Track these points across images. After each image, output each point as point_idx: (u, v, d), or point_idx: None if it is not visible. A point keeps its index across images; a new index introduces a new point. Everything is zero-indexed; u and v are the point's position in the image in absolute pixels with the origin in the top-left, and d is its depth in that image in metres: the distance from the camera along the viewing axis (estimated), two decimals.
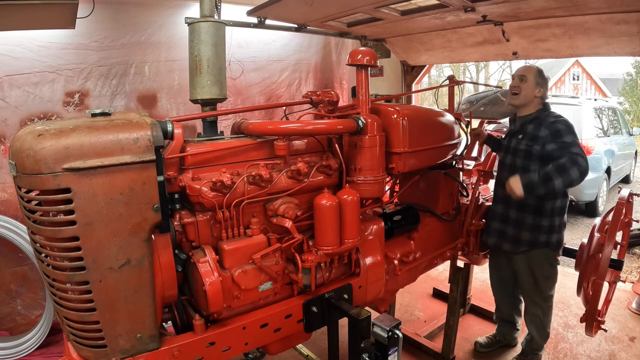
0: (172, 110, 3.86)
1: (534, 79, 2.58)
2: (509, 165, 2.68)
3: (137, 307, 1.53)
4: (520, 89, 2.59)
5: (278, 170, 1.94)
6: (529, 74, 2.58)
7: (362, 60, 2.00)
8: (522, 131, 2.61)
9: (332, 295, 2.03)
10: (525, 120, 2.62)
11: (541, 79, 2.60)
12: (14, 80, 3.08)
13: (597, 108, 7.68)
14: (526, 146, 2.54)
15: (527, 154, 2.55)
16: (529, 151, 2.53)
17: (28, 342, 3.03)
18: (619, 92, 20.68)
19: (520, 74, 2.60)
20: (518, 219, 2.63)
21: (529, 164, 2.54)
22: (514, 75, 2.66)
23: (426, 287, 4.14)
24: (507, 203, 2.67)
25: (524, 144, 2.56)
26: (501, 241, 2.74)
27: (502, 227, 2.73)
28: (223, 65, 1.99)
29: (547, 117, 2.54)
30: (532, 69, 2.60)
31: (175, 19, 3.67)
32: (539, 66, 2.66)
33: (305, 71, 4.83)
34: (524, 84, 2.58)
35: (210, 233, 1.84)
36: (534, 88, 2.58)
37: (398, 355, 1.77)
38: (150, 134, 1.45)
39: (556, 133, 2.43)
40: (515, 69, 2.74)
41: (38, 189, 1.35)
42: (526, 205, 2.59)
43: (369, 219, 2.33)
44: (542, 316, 2.77)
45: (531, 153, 2.53)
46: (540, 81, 2.59)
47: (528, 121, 2.59)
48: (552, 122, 2.48)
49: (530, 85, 2.58)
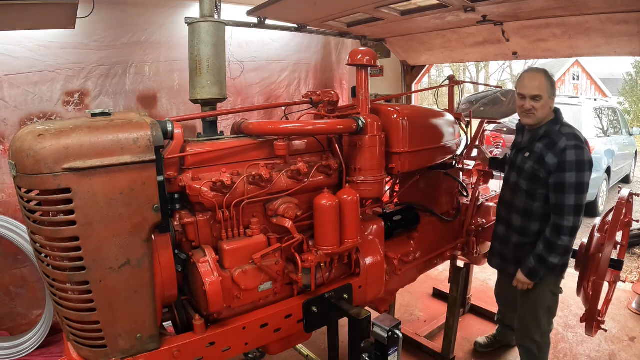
0: (172, 110, 3.86)
1: (547, 92, 2.24)
2: (512, 185, 2.47)
3: (137, 307, 1.53)
4: (536, 108, 2.26)
5: (278, 170, 1.94)
6: (542, 90, 2.23)
7: (362, 60, 2.00)
8: (530, 149, 2.35)
9: (332, 295, 2.03)
10: (534, 135, 2.34)
11: (552, 86, 2.28)
12: (14, 79, 3.07)
13: (597, 108, 7.68)
14: (532, 169, 2.30)
15: (534, 177, 2.30)
16: (536, 175, 2.29)
17: (28, 342, 3.03)
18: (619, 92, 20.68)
19: (534, 95, 2.24)
20: (520, 242, 2.45)
21: (535, 189, 2.31)
22: (524, 95, 2.28)
23: (426, 287, 4.14)
24: (509, 225, 2.51)
25: (530, 165, 2.31)
26: (504, 264, 2.59)
27: (503, 250, 2.57)
28: (223, 65, 1.99)
29: (558, 137, 2.22)
30: (543, 81, 2.24)
31: (175, 19, 3.66)
32: (543, 68, 2.34)
33: (305, 71, 4.83)
34: (538, 102, 2.25)
35: (210, 233, 1.84)
36: (548, 101, 2.27)
37: (398, 355, 1.77)
38: (150, 134, 1.45)
39: (561, 166, 2.17)
40: (518, 72, 2.52)
41: (38, 189, 1.35)
42: (528, 230, 2.41)
43: (369, 219, 2.33)
44: (537, 353, 2.56)
45: (538, 177, 2.28)
46: (553, 90, 2.28)
47: (537, 137, 2.32)
48: (562, 149, 2.18)
49: (545, 102, 2.25)
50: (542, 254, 2.26)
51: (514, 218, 2.46)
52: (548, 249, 2.24)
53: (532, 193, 2.33)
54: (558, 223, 2.20)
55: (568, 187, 2.16)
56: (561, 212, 2.19)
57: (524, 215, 2.41)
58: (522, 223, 2.42)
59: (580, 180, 2.16)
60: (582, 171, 2.16)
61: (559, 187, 2.19)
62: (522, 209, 2.41)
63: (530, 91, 2.26)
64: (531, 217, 2.38)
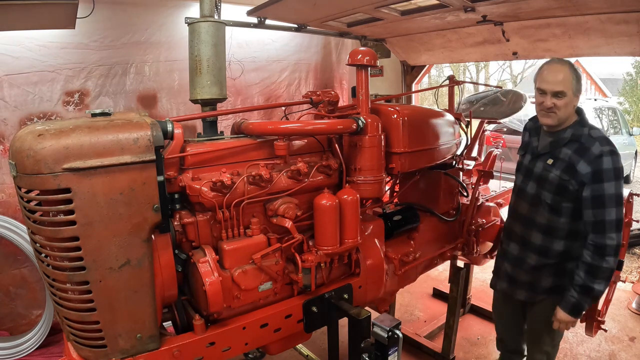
0: (172, 110, 3.86)
1: (572, 88, 1.90)
2: (532, 197, 2.12)
3: (137, 307, 1.53)
4: (558, 107, 1.92)
5: (278, 170, 1.93)
6: (567, 86, 1.89)
7: (362, 60, 2.00)
8: (553, 155, 2.01)
9: (332, 295, 2.03)
10: (558, 140, 2.00)
11: (578, 82, 1.93)
12: (14, 79, 3.07)
13: (597, 108, 7.70)
14: (560, 179, 1.96)
15: (561, 188, 1.97)
16: (564, 186, 1.96)
17: (28, 342, 3.03)
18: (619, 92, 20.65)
19: (557, 91, 1.90)
20: (539, 264, 2.12)
21: (560, 202, 1.98)
22: (545, 90, 1.94)
23: (426, 287, 4.14)
24: (525, 243, 2.16)
25: (556, 174, 1.97)
26: (514, 289, 2.26)
27: (515, 273, 2.23)
28: (223, 65, 1.99)
29: (590, 142, 1.91)
30: (568, 75, 1.89)
31: (175, 19, 3.66)
32: (568, 60, 1.99)
33: (305, 71, 4.83)
34: (561, 100, 1.91)
35: (210, 233, 1.84)
36: (573, 100, 1.93)
37: (398, 355, 1.77)
38: (150, 134, 1.45)
39: (598, 175, 1.86)
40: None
41: (38, 189, 1.35)
42: (550, 250, 2.08)
43: (369, 219, 2.33)
44: None
45: (566, 189, 1.95)
46: (578, 86, 1.93)
47: (562, 142, 1.99)
48: (597, 155, 1.86)
49: (569, 99, 1.91)
50: (585, 283, 1.90)
51: (533, 236, 2.10)
52: (592, 276, 1.89)
53: (557, 207, 2.00)
54: (600, 243, 1.87)
55: (608, 199, 1.86)
56: (602, 230, 1.87)
57: (546, 232, 2.07)
58: (544, 241, 2.07)
59: (620, 191, 1.88)
60: (620, 180, 1.89)
61: (598, 201, 1.87)
62: (545, 225, 2.07)
63: (553, 86, 1.90)
64: (555, 235, 2.05)
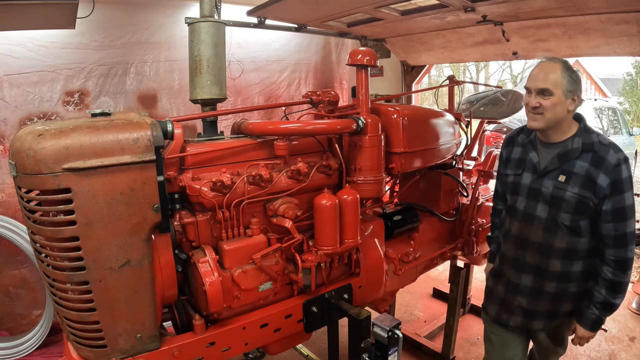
0: (172, 110, 3.86)
1: (562, 87, 1.69)
2: (546, 221, 1.82)
3: (137, 307, 1.53)
4: (544, 107, 1.71)
5: (278, 170, 1.94)
6: (554, 85, 1.69)
7: (362, 60, 2.00)
8: (564, 170, 1.76)
9: (332, 295, 2.03)
10: (567, 152, 1.77)
11: (572, 82, 1.70)
12: (14, 79, 3.07)
13: (597, 108, 7.70)
14: (579, 197, 1.72)
15: (581, 206, 1.74)
16: (584, 204, 1.73)
17: (28, 342, 3.03)
18: (619, 92, 20.65)
19: (541, 88, 1.71)
20: (560, 292, 1.87)
21: (579, 220, 1.76)
22: (530, 87, 1.76)
23: (426, 287, 4.14)
24: (541, 273, 1.87)
25: (574, 192, 1.73)
26: (531, 321, 1.96)
27: (532, 305, 1.93)
28: (223, 65, 1.99)
29: (604, 150, 1.71)
30: (558, 74, 1.69)
31: (175, 19, 3.66)
32: (564, 59, 1.76)
33: (305, 71, 4.83)
34: (547, 99, 1.70)
35: (210, 233, 1.84)
36: (564, 101, 1.71)
37: (398, 355, 1.77)
38: (150, 134, 1.45)
39: (618, 186, 1.68)
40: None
41: (38, 189, 1.35)
42: (571, 273, 1.84)
43: (369, 219, 2.33)
44: None
45: (586, 206, 1.73)
46: (571, 87, 1.70)
47: (574, 154, 1.75)
48: (615, 165, 1.68)
49: (558, 99, 1.70)
50: (607, 299, 1.77)
51: (552, 264, 1.84)
52: (614, 291, 1.76)
53: (576, 227, 1.78)
54: (622, 257, 1.73)
55: (629, 211, 1.71)
56: (624, 243, 1.72)
57: (566, 256, 1.82)
58: (563, 266, 1.83)
59: (633, 201, 1.74)
60: (633, 188, 1.76)
61: (620, 214, 1.71)
62: (564, 249, 1.81)
63: (537, 83, 1.72)
64: (575, 257, 1.82)
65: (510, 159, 2.00)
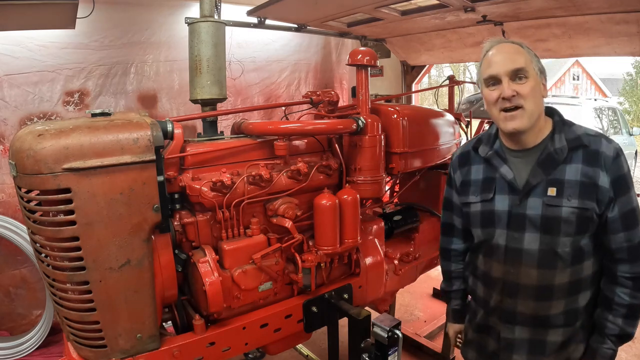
0: (172, 110, 3.86)
1: (534, 66, 1.34)
2: (540, 255, 1.36)
3: (137, 307, 1.53)
4: (523, 95, 1.31)
5: (278, 170, 1.94)
6: (527, 63, 1.32)
7: (362, 60, 2.00)
8: (553, 180, 1.34)
9: (332, 295, 2.03)
10: (547, 156, 1.35)
11: (538, 60, 1.37)
12: (14, 79, 3.07)
13: (597, 108, 7.69)
14: (580, 210, 1.31)
15: (583, 222, 1.32)
16: (587, 218, 1.32)
17: (28, 342, 3.02)
18: (619, 92, 20.67)
19: (515, 68, 1.31)
20: (567, 337, 1.43)
21: (580, 240, 1.34)
22: (497, 73, 1.33)
23: (426, 287, 4.13)
24: (541, 323, 1.42)
25: (573, 206, 1.31)
26: None
27: (536, 357, 1.45)
28: (223, 65, 1.99)
29: (596, 142, 1.34)
30: (519, 48, 1.35)
31: (175, 19, 3.66)
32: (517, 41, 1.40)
33: (305, 71, 4.83)
34: (524, 83, 1.31)
35: (210, 233, 1.84)
36: (540, 85, 1.35)
37: (398, 355, 1.77)
38: (150, 134, 1.45)
39: (622, 183, 1.32)
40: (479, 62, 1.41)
41: (38, 189, 1.35)
42: (577, 310, 1.41)
43: (369, 219, 2.33)
44: None
45: (589, 220, 1.32)
46: (541, 66, 1.37)
47: (559, 157, 1.34)
48: (614, 157, 1.31)
49: (535, 82, 1.33)
50: (624, 330, 1.40)
51: (553, 307, 1.39)
52: (631, 319, 1.39)
53: (578, 251, 1.35)
54: (638, 272, 1.34)
55: (638, 213, 1.35)
56: (637, 254, 1.34)
57: (570, 292, 1.39)
58: (568, 305, 1.40)
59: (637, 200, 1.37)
60: None
61: (630, 218, 1.33)
62: (568, 284, 1.38)
63: (507, 65, 1.32)
64: (581, 289, 1.39)
65: (471, 182, 1.53)
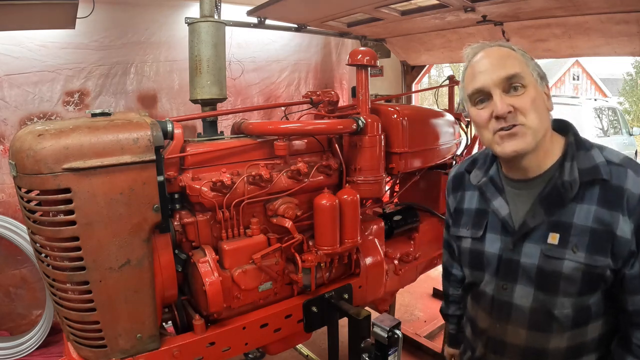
0: (172, 110, 3.86)
1: (532, 71, 1.10)
2: (531, 313, 1.14)
3: (137, 307, 1.53)
4: (522, 109, 1.05)
5: (278, 170, 1.94)
6: (522, 68, 1.08)
7: (362, 60, 2.00)
8: (556, 224, 1.08)
9: (332, 295, 2.03)
10: (553, 191, 1.09)
11: (536, 64, 1.13)
12: (14, 79, 3.07)
13: (597, 108, 7.70)
14: (586, 267, 1.05)
15: (592, 281, 1.07)
16: (597, 275, 1.06)
17: (28, 342, 3.02)
18: (619, 92, 20.67)
19: (507, 75, 1.06)
20: None
21: (587, 300, 1.10)
22: (485, 85, 1.08)
23: (426, 287, 4.13)
24: None
25: (579, 261, 1.05)
26: None
27: None
28: (223, 65, 1.99)
29: (619, 174, 1.04)
30: (510, 52, 1.13)
31: (175, 19, 3.66)
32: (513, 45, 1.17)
33: (305, 71, 4.83)
34: (521, 94, 1.06)
35: (210, 233, 1.84)
36: (542, 94, 1.09)
37: (398, 355, 1.76)
38: (150, 134, 1.45)
39: None
40: None
41: (38, 189, 1.35)
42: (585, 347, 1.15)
43: (369, 219, 2.32)
44: None
45: (600, 278, 1.06)
46: (540, 70, 1.12)
47: (567, 193, 1.06)
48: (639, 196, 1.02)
49: (535, 90, 1.08)
50: None
51: None
52: None
53: (583, 313, 1.11)
54: None
55: None
56: None
57: (568, 358, 1.16)
58: None
59: None
60: None
61: None
62: (566, 349, 1.14)
63: (497, 72, 1.07)
64: (583, 353, 1.16)
65: (463, 212, 1.31)
